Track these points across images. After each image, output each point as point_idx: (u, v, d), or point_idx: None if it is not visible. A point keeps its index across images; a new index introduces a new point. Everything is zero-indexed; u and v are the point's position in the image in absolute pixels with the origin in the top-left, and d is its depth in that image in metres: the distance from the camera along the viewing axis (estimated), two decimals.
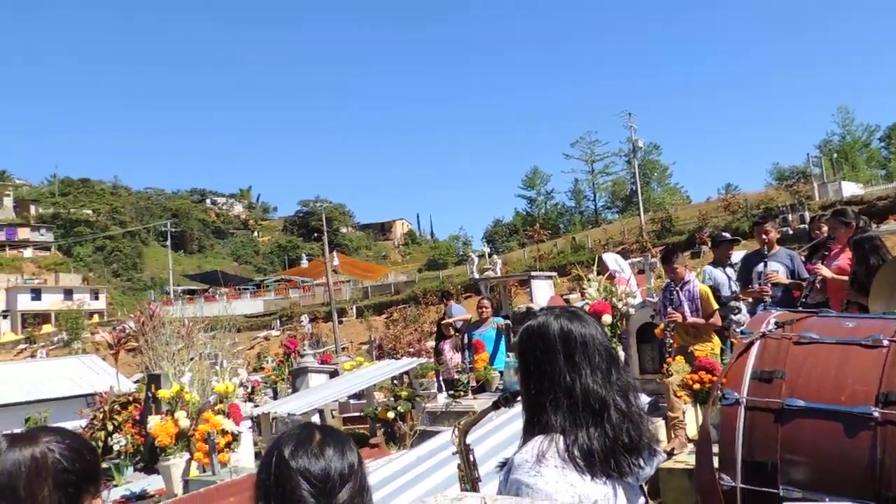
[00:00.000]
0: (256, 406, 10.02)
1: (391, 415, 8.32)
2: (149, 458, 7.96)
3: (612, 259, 7.85)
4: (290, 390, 11.65)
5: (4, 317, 63.82)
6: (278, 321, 47.18)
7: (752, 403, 2.24)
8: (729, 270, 6.83)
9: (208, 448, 5.74)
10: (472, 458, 1.90)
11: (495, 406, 1.91)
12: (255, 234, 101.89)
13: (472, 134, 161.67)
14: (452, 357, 8.91)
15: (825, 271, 5.53)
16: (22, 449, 1.33)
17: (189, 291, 63.40)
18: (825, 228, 6.79)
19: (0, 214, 78.68)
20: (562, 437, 1.47)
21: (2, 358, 46.65)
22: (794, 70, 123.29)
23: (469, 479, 1.89)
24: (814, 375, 2.22)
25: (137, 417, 8.70)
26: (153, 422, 6.54)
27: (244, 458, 6.59)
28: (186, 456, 6.37)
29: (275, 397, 11.84)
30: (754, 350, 2.36)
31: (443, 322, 9.49)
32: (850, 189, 36.61)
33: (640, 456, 1.50)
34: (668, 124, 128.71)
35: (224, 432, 6.06)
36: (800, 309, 3.92)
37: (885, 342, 2.19)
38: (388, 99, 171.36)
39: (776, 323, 2.43)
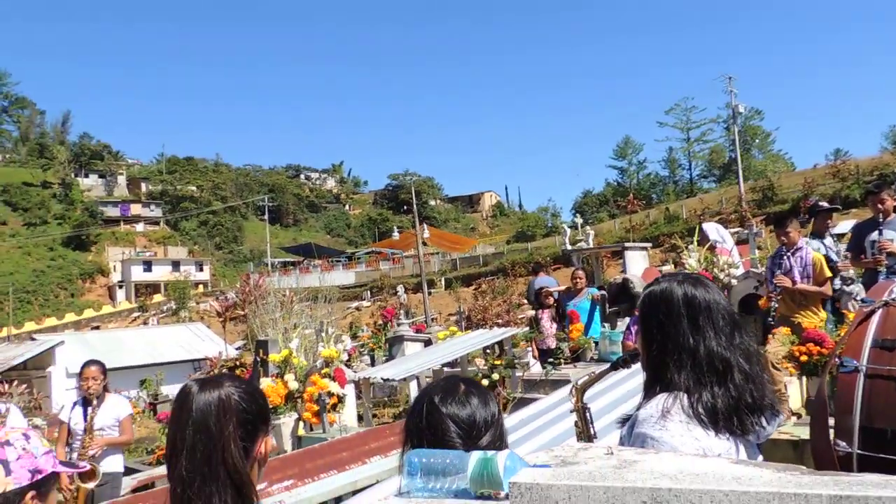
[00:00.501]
0: (356, 372, 10.44)
1: (486, 382, 8.48)
2: None
3: (713, 228, 7.63)
4: (385, 357, 12.05)
5: (120, 287, 68.70)
6: (369, 292, 48.39)
7: (872, 371, 2.20)
8: (828, 241, 6.54)
9: (318, 408, 6.07)
10: (588, 416, 1.98)
11: (614, 367, 1.97)
12: (347, 207, 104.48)
13: (563, 105, 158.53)
14: (550, 326, 8.96)
15: None
16: (210, 392, 1.52)
17: (285, 263, 65.99)
18: None
19: (115, 192, 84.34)
20: (686, 395, 1.53)
21: (118, 325, 50.37)
22: None
23: (586, 435, 1.97)
24: None
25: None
26: (264, 383, 6.96)
27: (348, 419, 6.93)
28: (295, 416, 6.77)
29: (372, 364, 12.28)
30: (875, 318, 2.30)
31: (542, 290, 9.56)
32: None
33: (762, 415, 1.54)
34: (772, 89, 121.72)
35: (330, 394, 6.39)
36: None
37: None
38: (479, 74, 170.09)
39: None
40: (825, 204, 7.35)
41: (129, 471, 6.76)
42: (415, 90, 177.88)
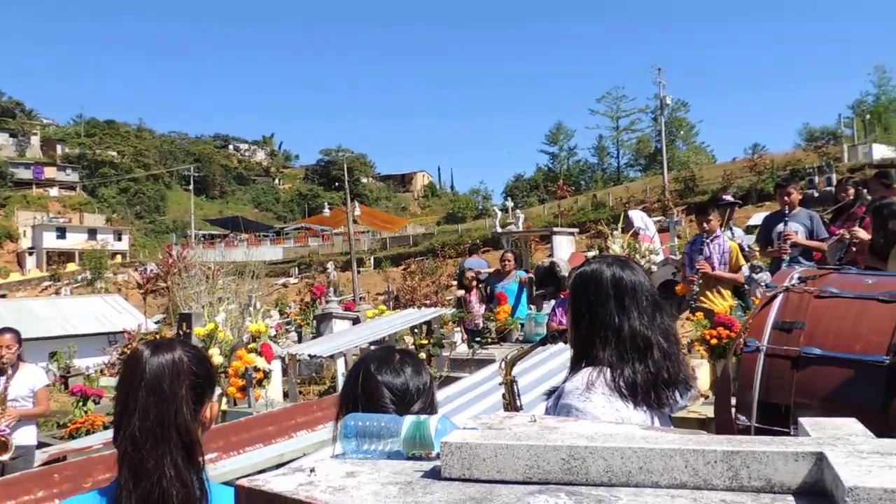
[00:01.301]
0: (281, 348, 10.35)
1: None
2: None
3: (638, 216, 7.96)
4: (313, 334, 11.98)
5: (30, 254, 65.22)
6: (297, 269, 47.75)
7: (771, 351, 2.40)
8: (730, 233, 6.94)
9: (243, 383, 6.03)
10: (516, 389, 2.09)
11: (542, 342, 2.09)
12: (277, 181, 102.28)
13: (497, 88, 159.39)
14: (479, 307, 9.13)
15: (862, 233, 5.58)
16: (164, 354, 1.55)
17: (210, 236, 64.21)
18: (851, 191, 6.84)
19: (28, 153, 79.64)
20: (609, 370, 1.65)
21: (27, 294, 47.92)
22: (829, 27, 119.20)
23: (513, 407, 2.08)
24: (832, 327, 2.37)
25: None
26: None
27: (274, 395, 6.90)
28: (219, 391, 6.70)
29: (299, 341, 12.19)
30: (777, 302, 2.50)
31: (467, 273, 9.70)
32: (882, 151, 35.88)
33: (676, 390, 1.68)
34: (698, 82, 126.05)
35: (257, 369, 6.34)
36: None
37: None
38: (415, 52, 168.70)
39: (799, 278, 2.57)
40: (728, 198, 7.78)
41: (40, 444, 6.53)
42: (350, 65, 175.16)
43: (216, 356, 6.68)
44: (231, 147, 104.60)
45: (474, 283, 9.58)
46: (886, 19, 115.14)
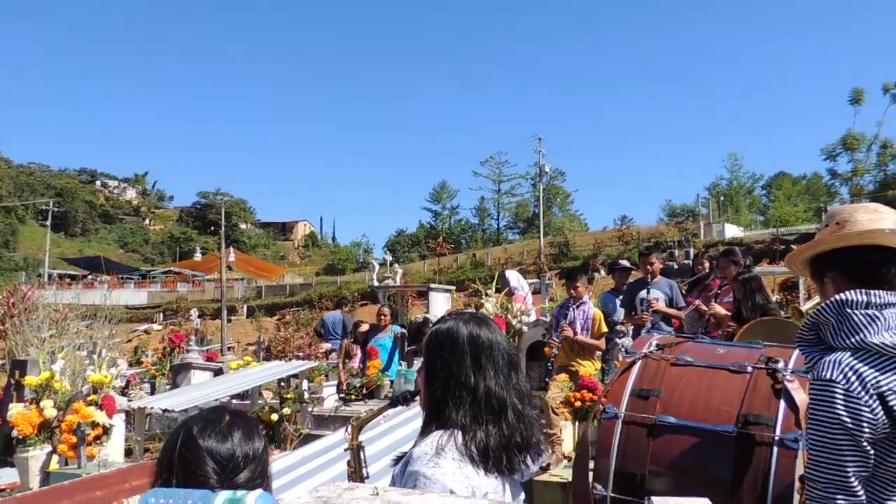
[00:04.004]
0: (131, 401, 9.52)
1: (275, 417, 8.12)
2: (3, 449, 7.40)
3: (514, 276, 8.07)
4: (169, 386, 11.15)
5: None
6: (162, 315, 45.08)
7: (629, 418, 2.39)
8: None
9: (76, 440, 5.41)
10: (362, 456, 1.92)
11: (393, 404, 1.94)
12: (148, 221, 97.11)
13: (384, 145, 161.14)
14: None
15: (720, 309, 5.98)
16: None
17: (68, 276, 59.53)
18: (707, 265, 7.31)
19: None
20: (461, 433, 1.55)
21: None
22: (696, 115, 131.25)
23: (358, 475, 1.91)
24: (686, 395, 2.40)
25: None
26: (15, 410, 6.09)
27: (113, 453, 6.25)
28: (48, 448, 5.98)
29: (152, 393, 11.29)
30: (635, 369, 2.51)
31: (360, 328, 9.60)
32: (732, 231, 39.37)
33: (528, 454, 1.60)
34: (574, 154, 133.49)
35: (95, 424, 5.73)
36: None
37: (749, 368, 2.40)
38: (304, 105, 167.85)
39: (657, 345, 2.61)
40: (625, 262, 8.00)
41: None
42: (236, 109, 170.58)
43: (48, 409, 5.97)
44: (98, 183, 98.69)
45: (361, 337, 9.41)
46: (742, 110, 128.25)
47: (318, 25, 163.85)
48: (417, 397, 1.77)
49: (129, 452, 7.55)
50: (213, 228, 69.24)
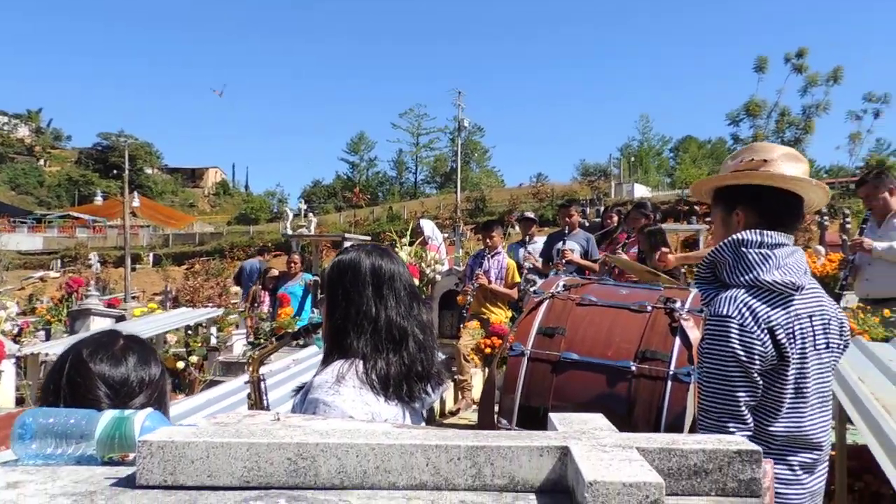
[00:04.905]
0: (22, 347, 9.02)
1: (181, 364, 7.92)
2: None
3: (428, 225, 8.11)
4: (66, 333, 10.62)
5: None
6: (59, 261, 42.75)
7: (534, 355, 2.46)
8: (530, 247, 7.39)
9: None
10: (263, 387, 1.90)
11: (294, 336, 1.92)
12: (42, 162, 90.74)
13: (301, 92, 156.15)
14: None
15: (625, 258, 6.22)
16: None
17: None
18: (615, 219, 7.59)
19: None
20: (361, 362, 1.57)
21: None
22: (611, 75, 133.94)
23: (259, 406, 1.89)
24: (589, 333, 2.49)
25: None
26: None
27: (3, 399, 5.96)
28: None
29: (47, 340, 10.74)
30: (542, 308, 2.59)
31: (269, 274, 9.44)
32: (641, 191, 40.87)
33: (428, 383, 1.62)
34: (493, 110, 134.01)
35: None
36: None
37: (649, 308, 2.52)
38: (219, 45, 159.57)
39: (564, 286, 2.69)
40: (530, 214, 8.39)
41: None
42: (140, 46, 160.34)
43: None
44: None
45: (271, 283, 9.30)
46: (655, 73, 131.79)
47: None
48: (318, 329, 1.76)
49: (21, 401, 7.20)
50: (115, 172, 65.65)
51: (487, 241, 6.63)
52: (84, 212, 55.46)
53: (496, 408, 2.69)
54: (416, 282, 7.23)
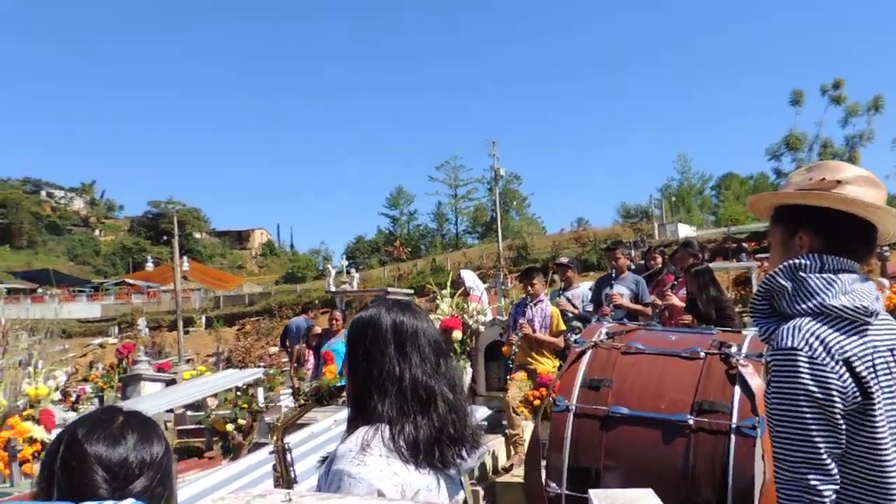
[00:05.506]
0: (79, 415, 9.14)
1: (229, 427, 7.89)
2: None
3: (469, 276, 8.00)
4: (119, 398, 10.75)
5: None
6: (117, 328, 43.78)
7: (580, 410, 2.30)
8: (568, 293, 7.22)
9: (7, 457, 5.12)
10: (288, 458, 1.78)
11: (318, 402, 1.81)
12: (98, 232, 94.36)
13: (339, 150, 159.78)
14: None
15: (675, 300, 6.00)
16: None
17: (14, 291, 57.41)
18: (658, 259, 7.36)
19: None
20: (388, 427, 1.45)
21: None
22: (645, 115, 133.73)
23: (285, 479, 1.77)
24: (637, 384, 2.32)
25: None
26: None
27: None
28: None
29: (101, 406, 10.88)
30: (585, 359, 2.43)
31: (312, 332, 9.43)
32: (685, 231, 40.10)
33: (462, 447, 1.49)
34: (528, 155, 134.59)
35: (32, 440, 5.43)
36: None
37: (702, 354, 2.33)
38: (258, 102, 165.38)
39: (607, 333, 2.52)
40: (563, 259, 8.20)
41: None
42: (185, 115, 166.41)
43: None
44: (44, 193, 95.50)
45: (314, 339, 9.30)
46: (689, 111, 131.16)
47: (271, 26, 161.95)
48: (342, 393, 1.64)
49: None
50: (166, 238, 67.57)
51: (529, 288, 6.46)
52: (137, 278, 57.19)
53: (543, 466, 2.51)
54: (459, 334, 7.10)
